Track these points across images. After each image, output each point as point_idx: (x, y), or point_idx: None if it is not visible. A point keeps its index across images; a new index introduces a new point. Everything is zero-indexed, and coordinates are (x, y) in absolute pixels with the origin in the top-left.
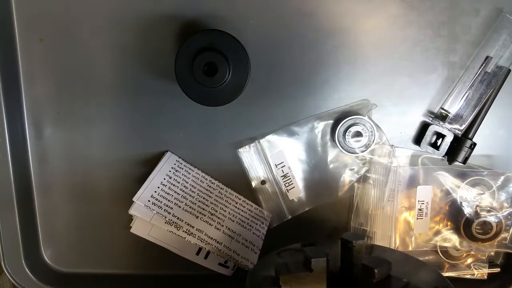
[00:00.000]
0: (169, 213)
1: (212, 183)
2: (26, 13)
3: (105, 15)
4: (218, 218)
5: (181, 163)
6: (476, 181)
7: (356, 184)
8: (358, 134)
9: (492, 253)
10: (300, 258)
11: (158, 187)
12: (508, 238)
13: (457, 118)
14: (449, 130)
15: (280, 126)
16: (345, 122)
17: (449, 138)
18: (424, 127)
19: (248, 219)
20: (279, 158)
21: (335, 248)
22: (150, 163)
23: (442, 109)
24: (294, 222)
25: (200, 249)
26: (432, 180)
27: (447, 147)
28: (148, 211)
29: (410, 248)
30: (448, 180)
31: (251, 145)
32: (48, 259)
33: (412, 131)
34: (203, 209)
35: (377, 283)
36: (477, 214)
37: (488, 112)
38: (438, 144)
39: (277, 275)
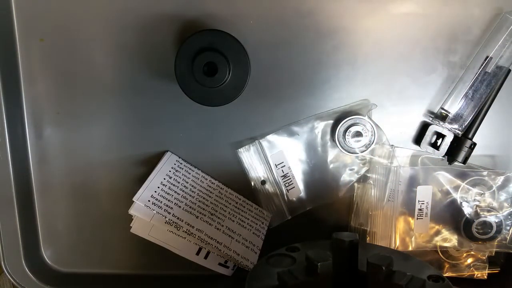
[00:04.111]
0: (169, 213)
1: (212, 183)
2: (26, 13)
3: (105, 15)
4: (218, 218)
5: (181, 163)
6: (476, 181)
7: (356, 184)
8: (358, 134)
9: (492, 253)
10: (301, 263)
11: (158, 187)
12: (508, 238)
13: (457, 118)
14: (449, 130)
15: (280, 126)
16: (345, 122)
17: (449, 138)
18: (424, 127)
19: (248, 219)
20: (279, 158)
21: (317, 248)
22: (150, 163)
23: (442, 109)
24: (294, 222)
25: (200, 249)
26: (432, 180)
27: (447, 147)
28: (148, 211)
29: (410, 248)
30: (448, 180)
31: (251, 145)
32: (48, 259)
33: (412, 131)
34: (203, 209)
35: (384, 279)
36: (477, 214)
37: (488, 112)
38: (438, 144)
39: (285, 284)
